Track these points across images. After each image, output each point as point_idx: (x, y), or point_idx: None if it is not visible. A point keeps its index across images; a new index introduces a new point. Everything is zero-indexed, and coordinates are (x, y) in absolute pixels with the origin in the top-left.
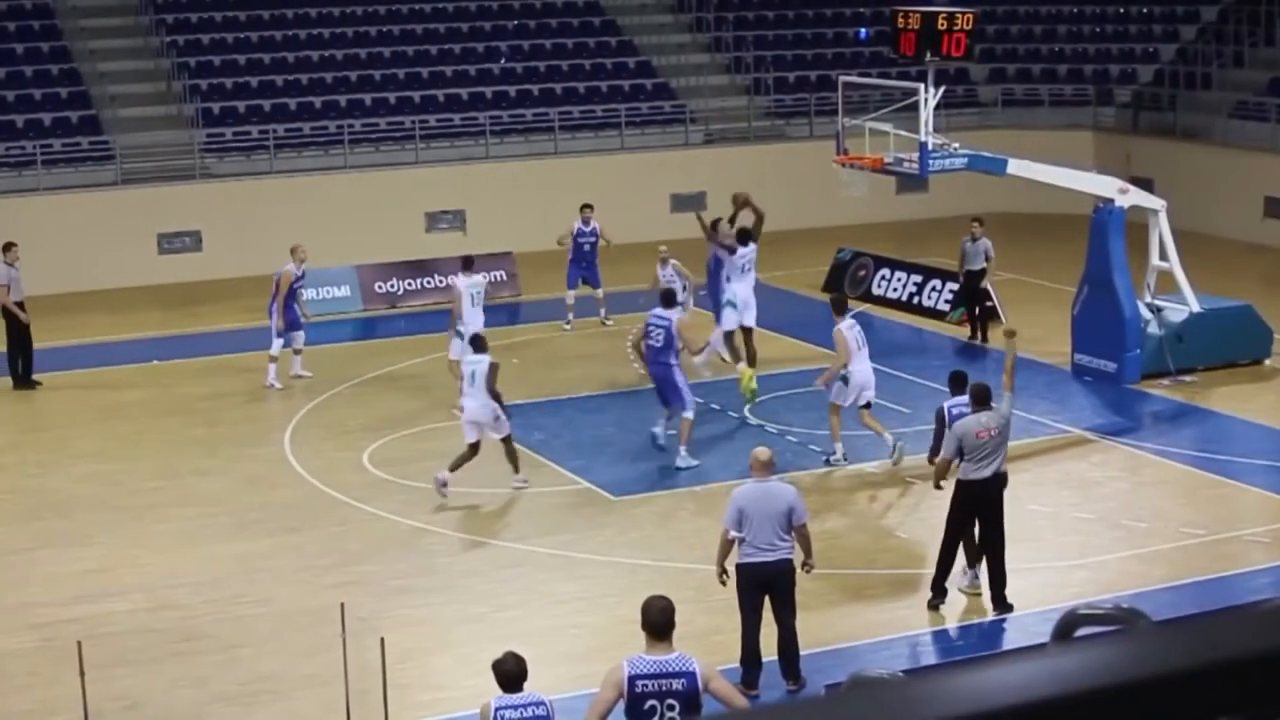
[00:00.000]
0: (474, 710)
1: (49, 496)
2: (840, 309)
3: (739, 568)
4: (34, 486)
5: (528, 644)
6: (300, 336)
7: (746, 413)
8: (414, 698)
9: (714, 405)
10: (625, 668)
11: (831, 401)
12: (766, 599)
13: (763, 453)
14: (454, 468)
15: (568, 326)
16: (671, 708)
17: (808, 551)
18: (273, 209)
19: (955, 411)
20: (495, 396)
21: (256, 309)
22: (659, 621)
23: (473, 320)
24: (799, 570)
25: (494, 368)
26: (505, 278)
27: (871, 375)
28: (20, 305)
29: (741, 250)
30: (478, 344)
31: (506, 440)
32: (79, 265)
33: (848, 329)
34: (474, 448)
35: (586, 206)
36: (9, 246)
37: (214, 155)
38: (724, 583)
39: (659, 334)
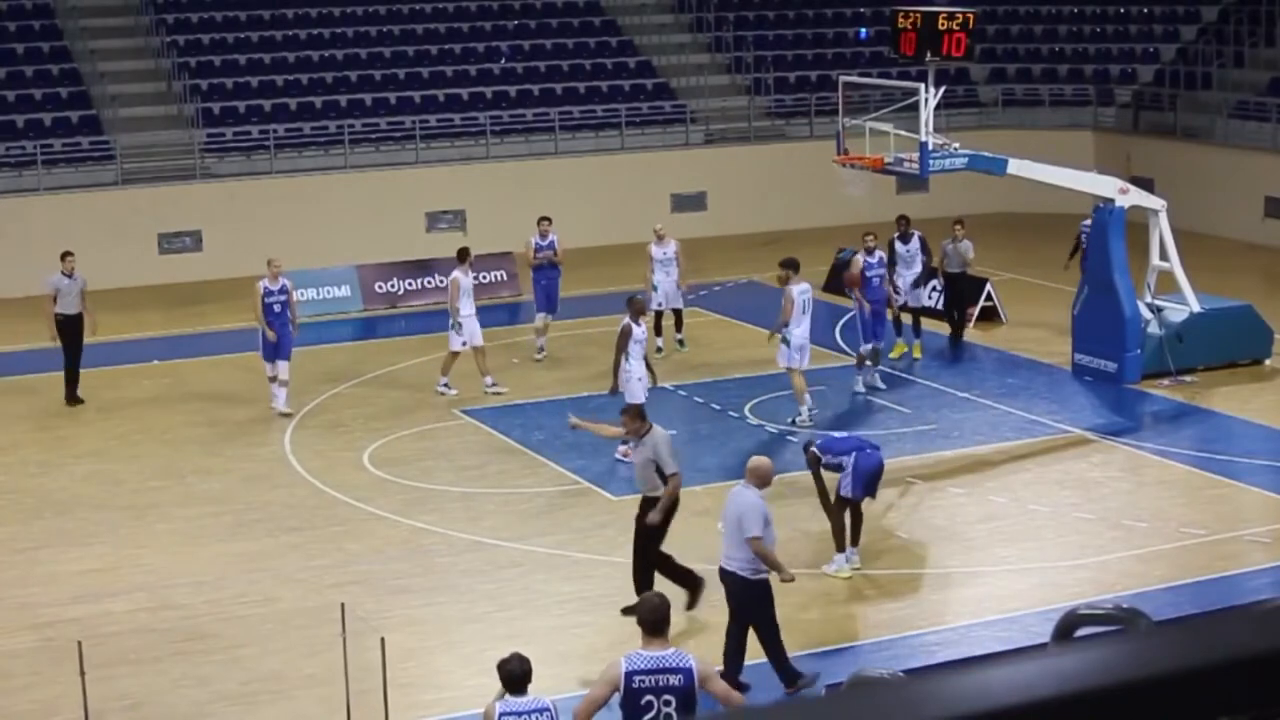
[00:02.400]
0: (476, 710)
1: (50, 496)
2: (795, 269)
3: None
4: (35, 486)
5: (528, 644)
6: (285, 366)
7: (746, 412)
8: (415, 697)
9: (714, 405)
10: (622, 664)
11: (785, 366)
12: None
13: (754, 461)
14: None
15: (539, 355)
16: (668, 704)
17: (771, 566)
18: (273, 209)
19: None
20: (615, 363)
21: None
22: (653, 619)
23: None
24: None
25: (621, 332)
26: (505, 277)
27: (808, 341)
28: (72, 318)
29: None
30: (629, 306)
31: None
32: (80, 265)
33: (799, 293)
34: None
35: (544, 219)
36: (65, 255)
37: (214, 155)
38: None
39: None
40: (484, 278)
